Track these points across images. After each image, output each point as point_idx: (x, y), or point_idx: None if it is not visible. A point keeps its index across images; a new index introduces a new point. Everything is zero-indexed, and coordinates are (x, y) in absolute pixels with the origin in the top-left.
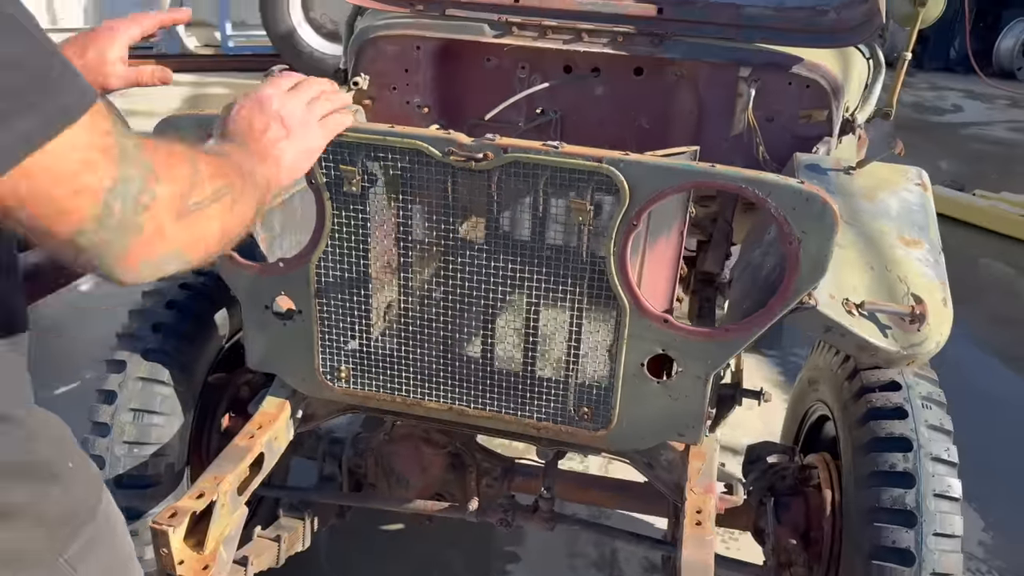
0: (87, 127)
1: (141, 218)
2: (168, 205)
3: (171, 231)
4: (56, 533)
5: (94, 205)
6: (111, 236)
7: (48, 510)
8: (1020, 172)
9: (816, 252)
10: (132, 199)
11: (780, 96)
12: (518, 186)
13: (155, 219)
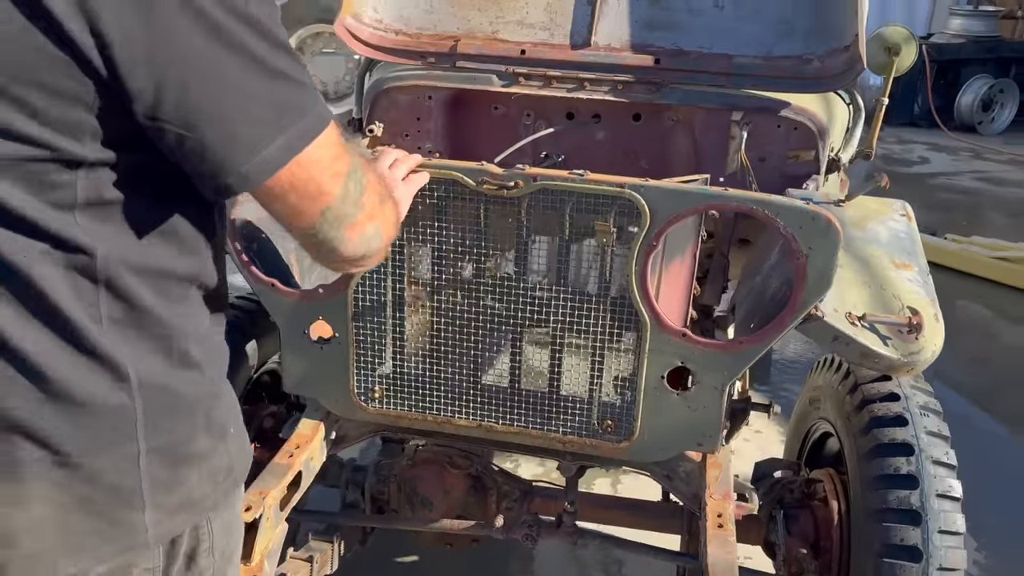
0: (333, 127)
1: (364, 197)
2: (375, 189)
3: (377, 210)
4: (217, 484)
5: (341, 187)
6: (347, 210)
7: (218, 463)
8: (987, 218)
9: (822, 266)
10: (359, 182)
11: (770, 138)
12: (546, 212)
13: (370, 199)
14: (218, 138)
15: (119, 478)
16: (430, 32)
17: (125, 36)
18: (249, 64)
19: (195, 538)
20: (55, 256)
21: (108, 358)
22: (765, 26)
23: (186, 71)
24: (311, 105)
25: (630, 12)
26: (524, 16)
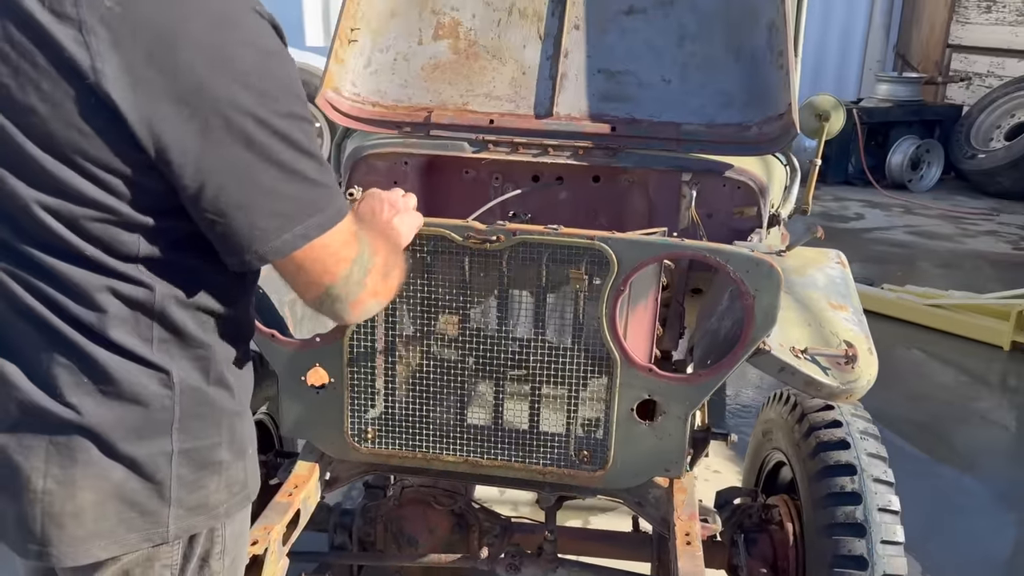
0: (348, 220)
1: (367, 279)
2: (378, 270)
3: (379, 287)
4: (233, 495)
5: (345, 270)
6: (349, 289)
7: (235, 475)
8: (920, 269)
9: (767, 305)
10: (363, 267)
11: (717, 196)
12: (525, 263)
13: (373, 279)
14: (244, 225)
15: (153, 470)
16: (405, 104)
17: (181, 148)
18: (277, 171)
19: (210, 541)
20: (121, 292)
21: (159, 367)
22: (708, 98)
23: (225, 177)
24: (328, 203)
25: (587, 85)
26: (492, 89)
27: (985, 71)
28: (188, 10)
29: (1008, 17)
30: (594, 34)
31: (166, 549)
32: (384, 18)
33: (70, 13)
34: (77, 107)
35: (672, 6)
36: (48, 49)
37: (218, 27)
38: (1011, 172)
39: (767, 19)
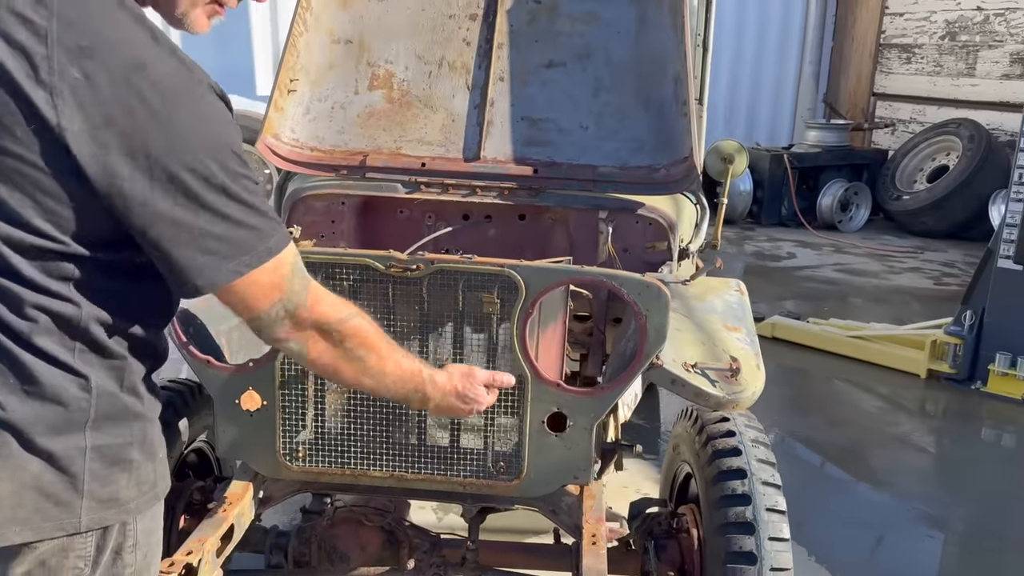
0: (275, 262)
1: (286, 320)
2: (305, 322)
3: (302, 335)
4: (142, 493)
5: (268, 305)
6: (271, 323)
7: (145, 475)
8: (848, 304)
9: (658, 323)
10: (286, 309)
11: (631, 232)
12: (443, 289)
13: (295, 324)
14: (182, 260)
15: (68, 464)
16: (342, 149)
17: (131, 195)
18: (216, 218)
19: (122, 535)
20: (51, 308)
21: (80, 373)
22: (621, 143)
23: (168, 225)
24: (258, 245)
25: (512, 132)
26: (424, 135)
27: (908, 117)
28: (144, 87)
29: (927, 67)
30: (517, 85)
31: (80, 540)
32: (322, 69)
33: (45, 79)
34: (43, 154)
35: (588, 60)
36: (24, 105)
37: (170, 100)
38: (933, 212)
39: (672, 72)
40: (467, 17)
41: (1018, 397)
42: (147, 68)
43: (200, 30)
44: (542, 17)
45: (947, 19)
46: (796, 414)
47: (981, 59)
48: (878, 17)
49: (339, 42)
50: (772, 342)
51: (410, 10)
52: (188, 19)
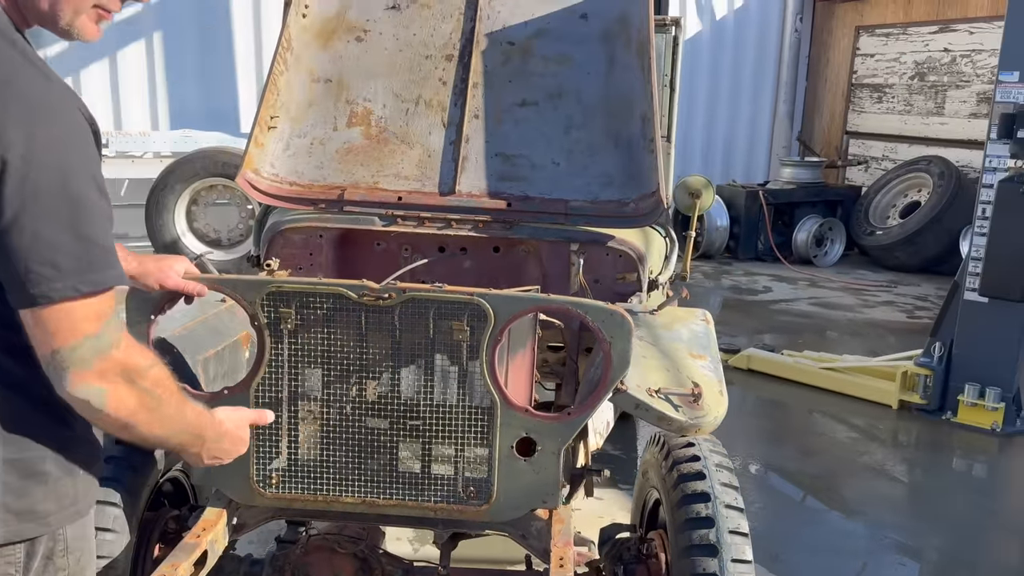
0: (101, 298)
1: (94, 359)
2: (113, 365)
3: (107, 379)
4: (63, 508)
5: (75, 341)
6: (72, 361)
7: (63, 490)
8: (820, 336)
9: (622, 350)
10: (95, 348)
11: (602, 263)
12: (414, 317)
13: (101, 366)
14: (19, 267)
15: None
16: (320, 183)
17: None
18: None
19: (52, 540)
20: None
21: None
22: (592, 178)
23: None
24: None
25: (486, 167)
26: (400, 170)
27: (880, 155)
28: (8, 100)
29: (897, 107)
30: (492, 123)
31: (8, 549)
32: (302, 107)
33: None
34: None
35: (560, 99)
36: None
37: (34, 114)
38: (906, 247)
39: (640, 111)
40: (443, 58)
41: (987, 427)
42: (13, 84)
43: (90, 37)
44: (516, 58)
45: (916, 60)
46: (771, 444)
47: (949, 99)
48: (850, 58)
49: (319, 81)
50: (748, 374)
51: (388, 51)
52: (75, 28)
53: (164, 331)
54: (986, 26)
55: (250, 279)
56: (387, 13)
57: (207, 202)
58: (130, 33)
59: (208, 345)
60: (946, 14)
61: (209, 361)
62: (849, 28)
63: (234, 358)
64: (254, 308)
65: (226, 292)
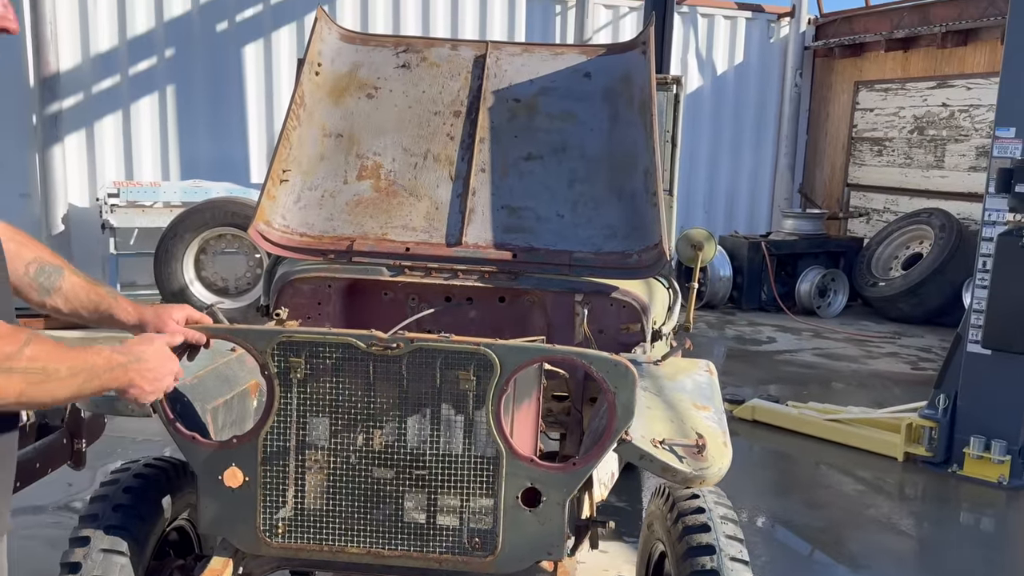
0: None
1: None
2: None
3: None
4: None
5: None
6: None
7: None
8: (824, 387)
9: (626, 400)
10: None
11: (606, 314)
12: (421, 367)
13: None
14: None
15: None
16: (330, 235)
17: None
18: None
19: None
20: None
21: None
22: (596, 230)
23: None
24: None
25: (492, 219)
26: (408, 222)
27: (881, 207)
28: None
29: (897, 160)
30: (498, 176)
31: None
32: (314, 161)
33: None
34: None
35: (564, 153)
36: None
37: None
38: (909, 299)
39: (643, 166)
40: (451, 114)
41: (994, 480)
42: None
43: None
44: (521, 115)
45: (915, 114)
46: (777, 496)
47: (949, 152)
48: (849, 112)
49: (330, 136)
50: (753, 425)
51: (398, 107)
52: None
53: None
54: (983, 82)
55: (261, 329)
56: (397, 71)
57: (215, 251)
58: (144, 87)
59: (217, 394)
60: (943, 70)
61: (218, 410)
62: (848, 83)
63: (242, 407)
64: (265, 358)
65: (237, 342)
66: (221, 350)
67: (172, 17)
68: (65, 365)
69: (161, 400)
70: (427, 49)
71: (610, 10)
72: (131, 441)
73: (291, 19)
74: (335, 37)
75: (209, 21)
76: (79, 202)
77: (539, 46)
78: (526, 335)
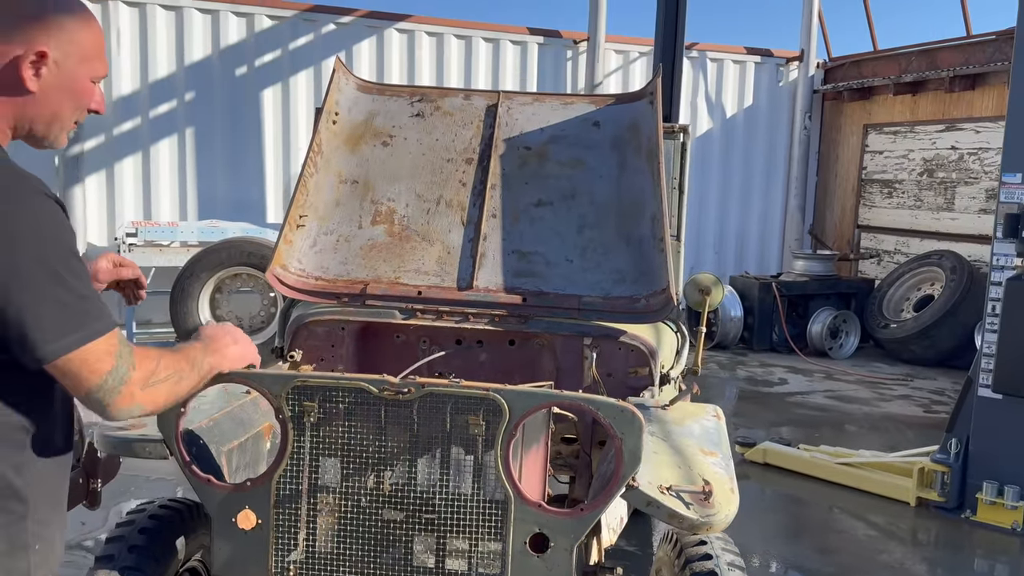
0: (107, 338)
1: (121, 387)
2: (136, 382)
3: (137, 396)
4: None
5: (100, 378)
6: (105, 394)
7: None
8: (836, 430)
9: (633, 446)
10: (118, 378)
11: (614, 357)
12: (432, 411)
13: (129, 389)
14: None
15: None
16: (344, 278)
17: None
18: (54, 298)
19: None
20: None
21: None
22: (604, 275)
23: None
24: (89, 324)
25: (503, 263)
26: (421, 266)
27: (892, 248)
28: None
29: (907, 202)
30: (509, 221)
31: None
32: (330, 206)
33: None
34: None
35: (573, 200)
36: None
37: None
38: (921, 341)
39: (650, 212)
40: (464, 161)
41: (1008, 526)
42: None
43: (61, 146)
44: (532, 162)
45: (924, 157)
46: (788, 541)
47: (959, 195)
48: (859, 154)
49: (346, 182)
50: (764, 468)
51: (412, 154)
52: (56, 142)
53: (191, 423)
54: (991, 126)
55: (277, 374)
56: (412, 120)
57: (231, 290)
58: (164, 129)
59: (232, 436)
60: (952, 114)
61: (233, 452)
62: (858, 126)
63: (256, 448)
64: (279, 402)
65: (253, 386)
66: (236, 393)
67: (193, 62)
68: (185, 365)
69: (178, 443)
70: (441, 98)
71: (620, 55)
72: (144, 480)
73: (308, 64)
74: (352, 87)
75: (229, 66)
76: (98, 241)
77: (549, 96)
78: (536, 378)
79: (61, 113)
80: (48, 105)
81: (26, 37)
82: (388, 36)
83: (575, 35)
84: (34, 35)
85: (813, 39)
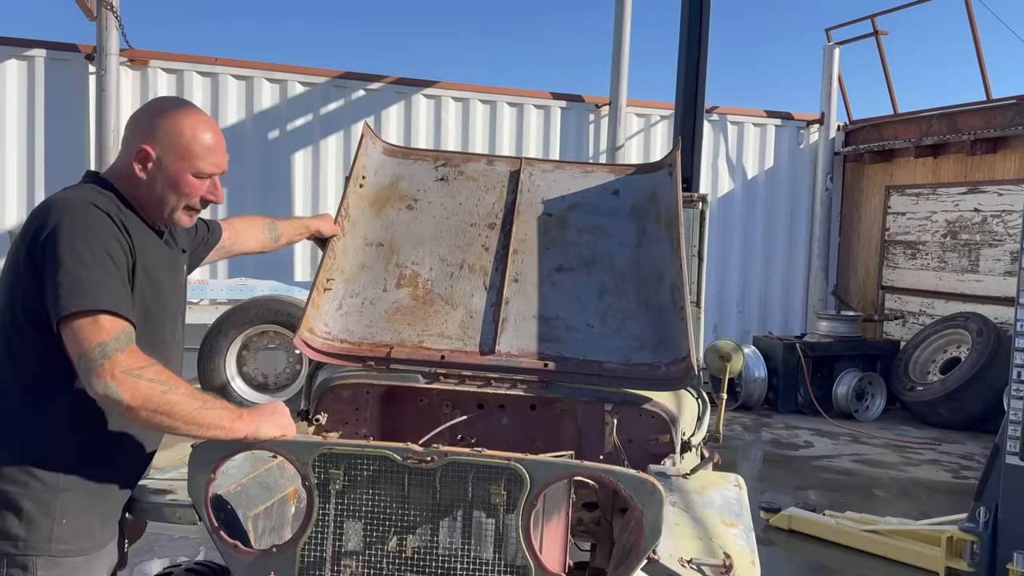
0: (109, 317)
1: (104, 360)
2: (119, 364)
3: (116, 375)
4: (31, 539)
5: (89, 346)
6: (89, 361)
7: (39, 528)
8: (863, 496)
9: (653, 518)
10: (104, 352)
11: (635, 424)
12: (454, 480)
13: (110, 365)
14: (49, 295)
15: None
16: (369, 341)
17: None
18: (68, 275)
19: (12, 565)
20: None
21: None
22: (625, 341)
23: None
24: (100, 298)
25: (525, 328)
26: (444, 330)
27: (917, 310)
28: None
29: (931, 263)
30: (530, 286)
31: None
32: (356, 269)
33: (20, 233)
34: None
35: (594, 266)
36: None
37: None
38: (948, 404)
39: (670, 280)
40: (487, 226)
41: None
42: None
43: (186, 225)
44: (553, 228)
45: (947, 219)
46: None
47: (983, 256)
48: (881, 216)
49: (372, 245)
50: (789, 534)
51: (436, 218)
52: (176, 221)
53: (220, 487)
54: (1014, 188)
55: (304, 441)
56: (436, 184)
57: (258, 347)
58: None
59: (259, 501)
60: (974, 176)
61: (259, 517)
62: (879, 187)
63: (281, 513)
64: (306, 468)
65: (281, 452)
66: (263, 458)
67: (226, 126)
68: (189, 395)
69: (207, 508)
70: (465, 164)
71: (642, 118)
72: (168, 538)
73: (338, 128)
74: (379, 151)
75: (262, 130)
76: None
77: (570, 164)
78: (557, 442)
79: (165, 200)
80: (152, 192)
81: (144, 137)
82: (416, 101)
83: (597, 99)
84: (148, 135)
85: (833, 102)
